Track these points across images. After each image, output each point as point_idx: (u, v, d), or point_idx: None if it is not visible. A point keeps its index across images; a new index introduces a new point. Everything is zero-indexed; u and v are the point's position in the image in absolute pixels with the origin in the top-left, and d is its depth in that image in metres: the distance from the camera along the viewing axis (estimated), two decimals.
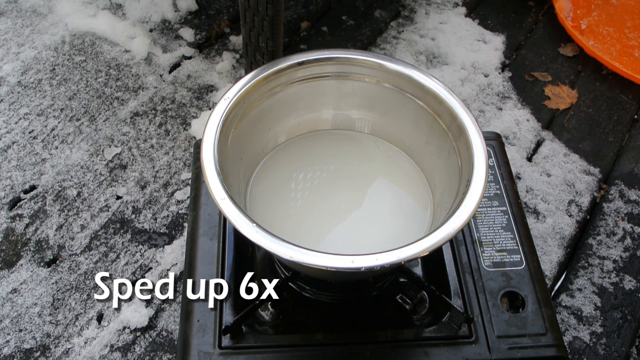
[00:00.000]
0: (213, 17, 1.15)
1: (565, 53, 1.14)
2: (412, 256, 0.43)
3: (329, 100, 0.61)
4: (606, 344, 0.74)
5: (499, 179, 0.68)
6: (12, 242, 0.80)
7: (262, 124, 0.58)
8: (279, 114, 0.59)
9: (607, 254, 0.83)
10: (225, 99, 0.51)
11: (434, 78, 0.55)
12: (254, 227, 0.43)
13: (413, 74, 0.56)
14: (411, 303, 0.59)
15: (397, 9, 1.20)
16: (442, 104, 0.54)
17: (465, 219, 0.45)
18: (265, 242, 0.43)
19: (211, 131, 0.49)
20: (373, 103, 0.60)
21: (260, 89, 0.55)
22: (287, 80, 0.56)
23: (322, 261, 0.42)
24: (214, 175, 0.46)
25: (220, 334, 0.55)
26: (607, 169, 0.95)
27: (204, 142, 0.48)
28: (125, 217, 0.84)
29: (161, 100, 1.00)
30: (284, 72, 0.55)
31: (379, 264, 0.42)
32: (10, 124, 0.94)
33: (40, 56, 1.05)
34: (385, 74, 0.57)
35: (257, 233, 0.43)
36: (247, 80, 0.54)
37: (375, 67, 0.57)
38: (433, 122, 0.56)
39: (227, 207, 0.44)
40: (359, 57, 0.57)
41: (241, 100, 0.53)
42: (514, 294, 0.59)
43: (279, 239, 0.43)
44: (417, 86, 0.55)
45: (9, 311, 0.73)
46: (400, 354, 0.55)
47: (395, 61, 0.56)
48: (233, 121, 0.52)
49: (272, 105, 0.57)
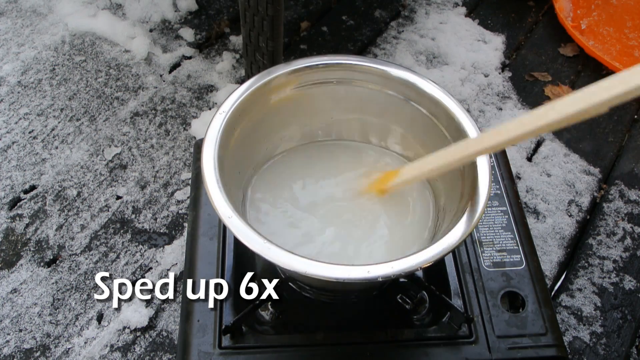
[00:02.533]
0: (213, 17, 1.15)
1: (565, 53, 1.14)
2: (428, 260, 0.43)
3: (328, 107, 0.60)
4: (606, 344, 0.74)
5: (499, 179, 0.68)
6: (12, 242, 0.80)
7: (260, 133, 0.58)
8: (276, 123, 0.59)
9: (607, 254, 0.83)
10: (220, 113, 0.50)
11: (426, 78, 0.55)
12: (265, 243, 0.43)
13: (409, 77, 0.55)
14: (411, 303, 0.58)
15: (397, 9, 1.20)
16: (437, 106, 0.54)
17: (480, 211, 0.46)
18: (280, 258, 0.43)
19: (210, 147, 0.49)
20: (368, 106, 0.60)
21: (256, 98, 0.54)
22: (283, 89, 0.56)
23: (339, 273, 0.42)
24: (222, 200, 0.45)
25: (220, 334, 0.55)
26: (607, 169, 0.95)
27: (204, 161, 0.48)
28: (125, 217, 0.84)
29: (161, 100, 1.00)
30: (280, 80, 0.55)
31: (394, 271, 0.42)
32: (10, 124, 0.94)
33: (40, 56, 1.05)
34: (383, 79, 0.57)
35: (269, 250, 0.43)
36: (244, 89, 0.53)
37: (373, 72, 0.56)
38: (430, 124, 0.56)
39: (236, 224, 0.44)
40: (358, 64, 0.57)
41: (239, 110, 0.52)
42: (514, 294, 0.59)
43: (293, 254, 0.43)
44: (413, 89, 0.55)
45: (9, 311, 0.73)
46: (400, 354, 0.55)
47: (387, 64, 0.56)
48: (231, 133, 0.52)
49: (270, 114, 0.57)
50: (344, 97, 0.59)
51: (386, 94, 0.57)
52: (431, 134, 0.56)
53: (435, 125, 0.55)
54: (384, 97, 0.57)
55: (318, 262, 0.42)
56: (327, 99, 0.59)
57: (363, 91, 0.58)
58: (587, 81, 1.09)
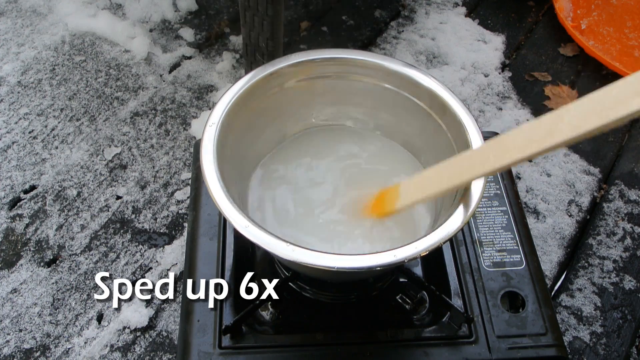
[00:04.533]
0: (213, 17, 1.15)
1: (565, 53, 1.14)
2: (451, 232, 0.44)
3: (327, 100, 0.61)
4: (606, 344, 0.74)
5: (499, 178, 0.68)
6: (12, 242, 0.80)
7: (259, 125, 0.58)
8: (274, 115, 0.59)
9: (607, 254, 0.83)
10: (210, 125, 0.50)
11: (412, 66, 0.55)
12: (289, 247, 0.43)
13: (392, 66, 0.56)
14: (411, 303, 0.59)
15: (397, 9, 1.20)
16: (435, 99, 0.54)
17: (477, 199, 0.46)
18: (306, 258, 0.43)
19: (208, 150, 0.49)
20: (365, 101, 0.60)
21: (256, 91, 0.54)
22: (281, 82, 0.56)
23: (369, 261, 0.42)
24: (229, 205, 0.45)
25: (220, 334, 0.55)
26: (607, 169, 0.95)
27: (204, 163, 0.48)
28: (125, 217, 0.84)
29: (161, 100, 1.00)
30: (276, 75, 0.55)
31: (418, 251, 0.43)
32: (10, 124, 0.94)
33: (40, 56, 1.05)
34: (379, 72, 0.57)
35: (293, 252, 0.43)
36: (245, 81, 0.53)
37: (371, 66, 0.57)
38: (425, 116, 0.56)
39: (255, 232, 0.44)
40: (357, 58, 0.57)
41: (238, 103, 0.52)
42: (514, 294, 0.59)
43: (318, 252, 0.43)
44: (407, 81, 0.56)
45: (9, 311, 0.73)
46: (400, 354, 0.55)
47: (376, 56, 0.57)
48: (231, 126, 0.52)
49: (267, 106, 0.57)
50: (347, 90, 0.59)
51: (383, 87, 0.57)
52: (425, 123, 0.57)
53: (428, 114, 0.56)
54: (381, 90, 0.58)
55: (346, 255, 0.43)
56: (330, 91, 0.59)
57: (363, 85, 0.58)
58: (587, 81, 1.09)
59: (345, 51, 0.58)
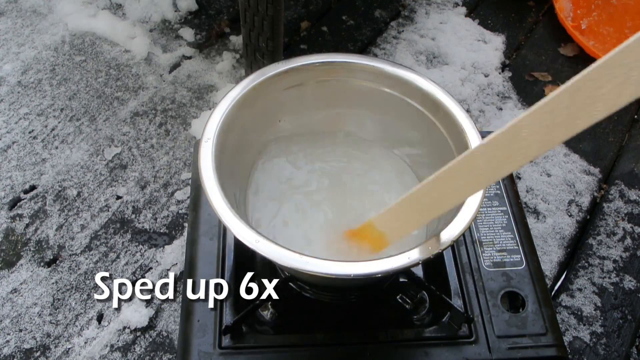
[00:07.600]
0: (213, 17, 1.15)
1: (566, 53, 1.14)
2: (464, 228, 0.44)
3: (325, 103, 0.60)
4: (606, 344, 0.74)
5: None
6: (12, 242, 0.80)
7: (255, 128, 0.58)
8: (272, 118, 0.59)
9: (607, 254, 0.83)
10: (206, 140, 0.50)
11: (405, 68, 0.55)
12: (301, 257, 0.43)
13: (386, 69, 0.56)
14: (411, 303, 0.58)
15: (397, 9, 1.20)
16: (438, 106, 0.54)
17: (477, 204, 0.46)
18: (319, 269, 0.42)
19: (207, 155, 0.49)
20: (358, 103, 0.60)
21: (248, 99, 0.54)
22: (278, 86, 0.56)
23: (384, 265, 0.42)
24: (233, 218, 0.45)
25: (220, 334, 0.55)
26: (607, 169, 0.95)
27: (202, 171, 0.48)
28: (125, 217, 0.84)
29: (161, 100, 1.00)
30: (273, 80, 0.55)
31: (433, 252, 0.43)
32: (10, 124, 0.94)
33: (40, 56, 1.05)
34: (375, 75, 0.57)
35: (300, 258, 0.43)
36: (245, 84, 0.53)
37: (370, 70, 0.57)
38: (420, 116, 0.56)
39: (266, 247, 0.44)
40: (356, 62, 0.57)
41: (237, 106, 0.52)
42: (514, 294, 0.59)
43: (331, 260, 0.43)
44: (402, 83, 0.56)
45: (9, 311, 0.73)
46: (400, 354, 0.55)
47: (371, 59, 0.57)
48: (229, 131, 0.52)
49: (265, 110, 0.57)
50: (344, 93, 0.59)
51: (382, 92, 0.57)
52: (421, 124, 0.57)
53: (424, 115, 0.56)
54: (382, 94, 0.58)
55: (362, 262, 0.43)
56: (328, 95, 0.59)
57: (360, 88, 0.58)
58: None
59: (336, 55, 0.58)
